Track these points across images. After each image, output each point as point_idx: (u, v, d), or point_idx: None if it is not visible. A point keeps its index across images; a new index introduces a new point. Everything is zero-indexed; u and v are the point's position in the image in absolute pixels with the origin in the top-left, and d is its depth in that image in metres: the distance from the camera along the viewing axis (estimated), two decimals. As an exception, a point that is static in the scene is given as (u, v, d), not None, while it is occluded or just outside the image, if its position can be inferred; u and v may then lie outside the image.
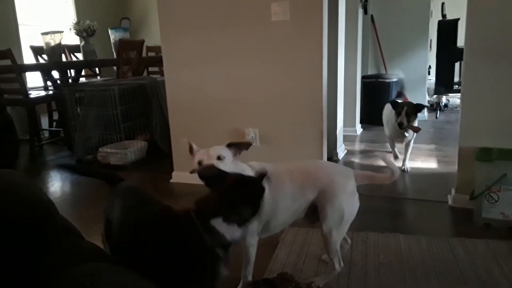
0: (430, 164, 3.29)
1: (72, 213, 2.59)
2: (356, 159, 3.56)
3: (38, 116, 4.55)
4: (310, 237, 2.06)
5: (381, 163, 2.82)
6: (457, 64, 5.69)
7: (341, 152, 3.61)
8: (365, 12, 4.67)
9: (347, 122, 4.07)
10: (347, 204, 1.55)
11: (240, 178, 1.25)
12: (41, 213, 0.95)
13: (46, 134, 4.89)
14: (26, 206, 0.90)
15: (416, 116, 3.00)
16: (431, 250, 1.91)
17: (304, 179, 1.58)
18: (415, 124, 3.00)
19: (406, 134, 3.05)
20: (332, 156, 3.47)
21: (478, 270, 1.73)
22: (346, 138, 3.91)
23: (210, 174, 1.26)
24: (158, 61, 4.76)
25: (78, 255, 0.99)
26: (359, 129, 4.56)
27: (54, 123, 4.71)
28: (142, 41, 4.63)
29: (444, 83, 5.70)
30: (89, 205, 2.80)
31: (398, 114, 2.97)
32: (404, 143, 3.16)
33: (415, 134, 3.07)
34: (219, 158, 1.46)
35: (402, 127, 2.93)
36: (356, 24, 4.15)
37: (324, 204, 1.54)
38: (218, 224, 1.11)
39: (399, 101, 3.23)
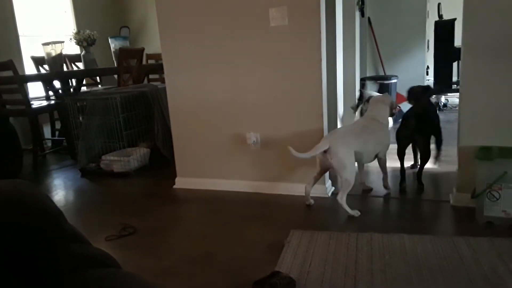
0: (430, 163, 3.30)
1: (77, 221, 2.61)
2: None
3: (40, 126, 4.58)
4: (315, 240, 2.08)
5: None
6: (455, 64, 5.72)
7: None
8: (362, 14, 4.71)
9: (347, 124, 4.08)
10: None
11: None
12: (50, 221, 0.97)
13: (49, 144, 4.91)
14: (35, 214, 0.92)
15: None
16: (435, 249, 1.92)
17: None
18: None
19: None
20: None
21: (483, 268, 1.74)
22: (347, 140, 3.92)
23: None
24: (158, 68, 4.81)
25: (86, 260, 1.00)
26: (359, 131, 4.57)
27: (57, 133, 4.74)
28: (142, 49, 4.67)
29: (443, 83, 5.72)
30: (93, 213, 2.83)
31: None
32: None
33: None
34: None
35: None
36: (353, 27, 4.17)
37: None
38: None
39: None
